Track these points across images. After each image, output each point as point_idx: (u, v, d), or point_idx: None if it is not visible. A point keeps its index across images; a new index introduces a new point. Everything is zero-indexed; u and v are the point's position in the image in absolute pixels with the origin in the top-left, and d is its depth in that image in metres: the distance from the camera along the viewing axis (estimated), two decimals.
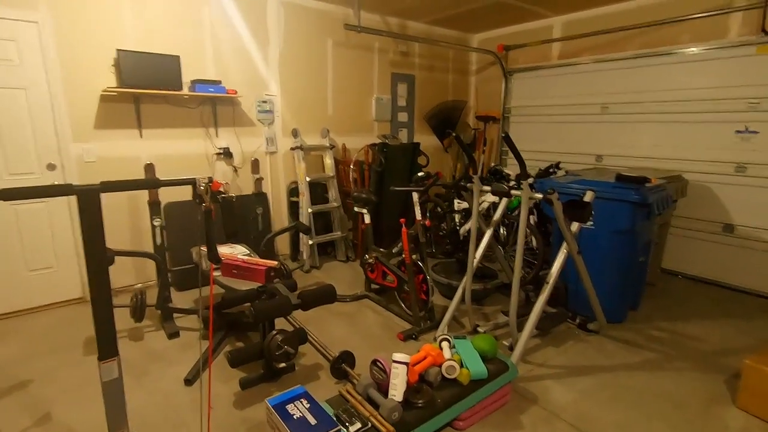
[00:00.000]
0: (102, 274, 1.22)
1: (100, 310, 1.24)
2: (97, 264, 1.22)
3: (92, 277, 1.21)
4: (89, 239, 1.19)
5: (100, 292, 1.23)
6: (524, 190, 2.35)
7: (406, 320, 3.11)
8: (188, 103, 3.69)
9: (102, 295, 1.23)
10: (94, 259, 1.21)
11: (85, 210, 1.17)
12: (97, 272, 1.22)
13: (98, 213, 1.19)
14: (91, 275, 1.20)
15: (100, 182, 1.18)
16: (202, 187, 1.28)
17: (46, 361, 2.60)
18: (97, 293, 1.23)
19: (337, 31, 4.48)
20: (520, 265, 2.47)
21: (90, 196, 1.16)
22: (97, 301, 1.23)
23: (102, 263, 1.20)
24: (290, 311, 1.98)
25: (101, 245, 1.20)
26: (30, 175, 3.15)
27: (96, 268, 1.21)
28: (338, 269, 4.28)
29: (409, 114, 5.35)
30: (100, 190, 1.17)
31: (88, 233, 1.18)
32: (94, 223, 1.18)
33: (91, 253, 1.20)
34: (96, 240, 1.19)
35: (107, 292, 1.25)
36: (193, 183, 1.30)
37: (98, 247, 1.20)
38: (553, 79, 4.95)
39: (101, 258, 1.20)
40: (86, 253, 1.19)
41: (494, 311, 3.32)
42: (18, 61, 2.99)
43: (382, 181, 4.15)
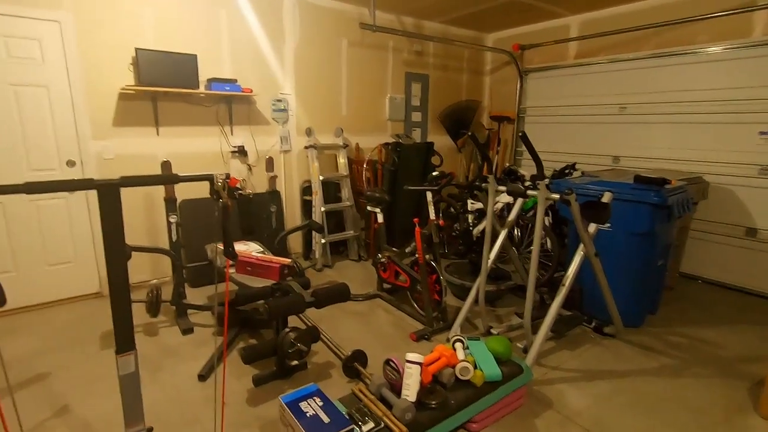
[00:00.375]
0: (121, 268, 1.23)
1: (118, 304, 1.25)
2: (117, 258, 1.23)
3: (111, 270, 1.22)
4: (109, 233, 1.20)
5: (119, 287, 1.24)
6: (541, 191, 2.31)
7: (419, 320, 3.10)
8: (204, 101, 3.73)
9: (121, 290, 1.24)
10: (114, 252, 1.22)
11: (105, 204, 1.18)
12: (116, 266, 1.23)
13: (118, 207, 1.20)
14: (110, 269, 1.21)
15: (120, 177, 1.19)
16: (219, 183, 1.29)
17: (63, 354, 2.64)
18: (115, 287, 1.24)
19: (352, 31, 4.48)
20: (536, 267, 2.43)
21: (110, 191, 1.17)
22: (116, 295, 1.24)
23: (121, 257, 1.21)
24: (304, 309, 1.98)
25: (120, 239, 1.21)
26: (51, 172, 3.21)
27: (115, 262, 1.22)
28: (350, 268, 4.28)
29: (422, 114, 5.33)
30: (120, 184, 1.18)
31: (108, 227, 1.19)
32: (114, 217, 1.19)
33: (111, 247, 1.21)
34: (115, 234, 1.20)
35: (126, 287, 1.26)
36: (210, 179, 1.30)
37: (118, 241, 1.21)
38: (569, 78, 4.88)
39: (120, 252, 1.21)
40: (106, 246, 1.20)
41: (507, 313, 3.29)
42: (41, 60, 3.05)
43: (396, 180, 4.14)
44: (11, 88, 2.98)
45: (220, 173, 1.29)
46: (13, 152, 3.05)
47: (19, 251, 3.16)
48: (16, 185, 1.03)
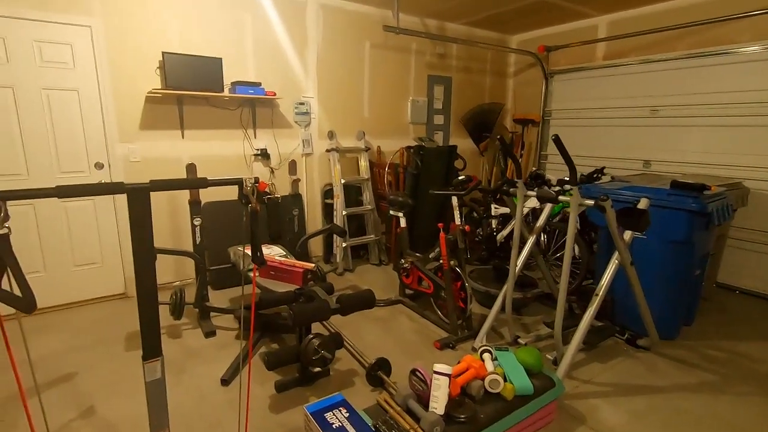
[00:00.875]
0: (149, 273, 1.21)
1: (145, 310, 1.23)
2: (145, 262, 1.21)
3: (139, 276, 1.20)
4: (138, 238, 1.18)
5: (147, 292, 1.22)
6: (574, 197, 2.22)
7: (442, 328, 3.03)
8: (228, 104, 3.75)
9: (149, 295, 1.21)
10: (142, 257, 1.20)
11: (134, 208, 1.16)
12: (145, 271, 1.21)
13: (148, 212, 1.18)
14: (138, 274, 1.19)
15: (150, 181, 1.17)
16: (248, 187, 1.26)
17: (89, 354, 2.67)
18: (143, 293, 1.22)
19: (375, 33, 4.46)
20: (567, 275, 2.34)
21: (140, 195, 1.15)
22: (144, 301, 1.22)
23: (150, 262, 1.19)
24: (329, 316, 1.94)
25: (149, 244, 1.19)
26: (80, 174, 3.26)
27: (143, 267, 1.20)
28: (371, 273, 4.24)
29: (444, 117, 5.26)
30: (150, 188, 1.16)
31: (137, 232, 1.17)
32: (144, 222, 1.17)
33: (139, 252, 1.19)
34: (145, 239, 1.18)
35: (154, 293, 1.24)
36: (239, 183, 1.27)
37: (146, 245, 1.19)
38: (597, 80, 4.74)
39: (149, 257, 1.19)
40: (135, 251, 1.19)
41: (534, 322, 3.18)
42: (72, 64, 3.11)
43: (418, 184, 4.08)
44: (44, 92, 3.05)
45: (248, 177, 1.26)
46: (45, 155, 3.12)
47: (48, 252, 3.22)
48: (47, 189, 1.02)
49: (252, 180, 1.28)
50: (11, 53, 2.91)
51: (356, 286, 3.85)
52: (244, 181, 1.27)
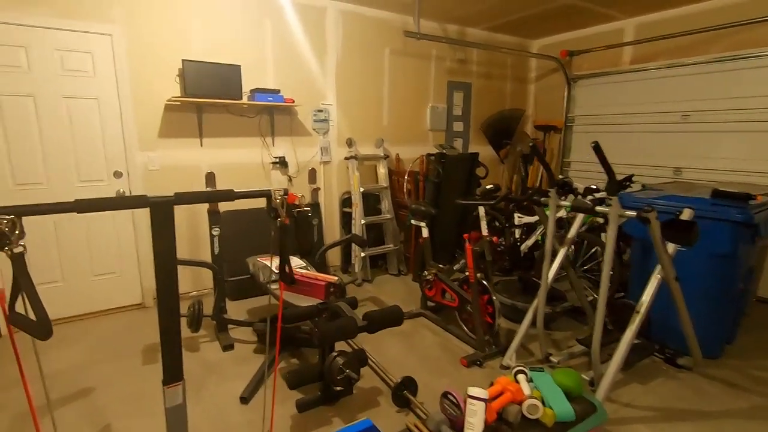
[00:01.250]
0: (172, 293, 1.12)
1: (168, 334, 1.15)
2: (167, 281, 1.12)
3: (162, 296, 1.11)
4: (161, 254, 1.09)
5: (170, 314, 1.13)
6: (613, 207, 2.09)
7: (468, 343, 2.89)
8: (247, 112, 3.70)
9: (171, 317, 1.13)
10: (165, 276, 1.11)
11: (158, 223, 1.07)
12: (168, 291, 1.12)
13: (171, 227, 1.10)
14: (161, 294, 1.11)
15: (174, 194, 1.09)
16: (278, 199, 1.17)
17: (106, 368, 2.61)
18: (166, 314, 1.13)
19: (395, 40, 4.38)
20: (606, 290, 2.20)
21: (163, 209, 1.07)
22: (166, 324, 1.14)
23: (172, 282, 1.10)
24: (356, 334, 1.84)
25: (173, 262, 1.10)
26: (99, 183, 3.23)
27: (167, 286, 1.12)
28: (390, 283, 4.13)
29: (464, 123, 5.15)
30: (174, 202, 1.08)
31: (161, 247, 1.09)
32: (167, 237, 1.09)
33: (163, 269, 1.10)
34: (168, 256, 1.09)
35: (176, 315, 1.16)
36: (268, 195, 1.18)
37: (169, 262, 1.11)
38: (623, 85, 4.59)
39: (172, 275, 1.10)
40: (156, 268, 1.10)
41: (564, 338, 3.03)
42: (92, 73, 3.09)
43: (439, 193, 3.97)
44: (64, 101, 3.03)
45: (277, 189, 1.17)
46: (64, 163, 3.09)
47: (66, 261, 3.19)
48: (66, 203, 0.94)
49: (281, 192, 1.19)
50: (33, 62, 2.90)
51: (376, 298, 3.75)
52: (273, 194, 1.18)
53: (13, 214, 0.85)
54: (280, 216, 1.16)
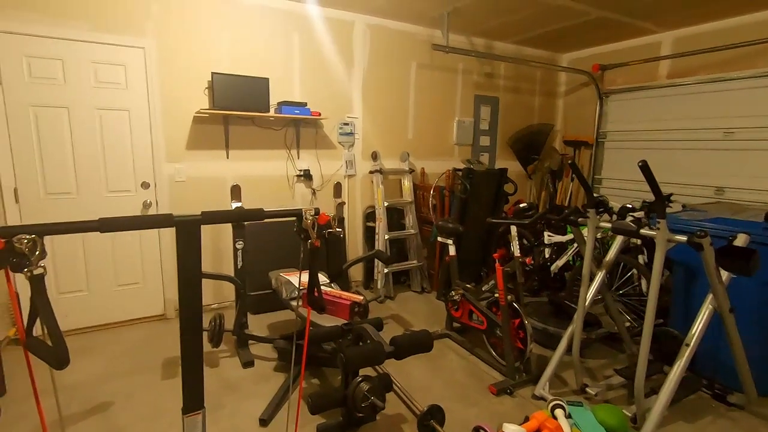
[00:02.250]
0: (196, 316, 1.05)
1: (190, 361, 1.07)
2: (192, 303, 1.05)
3: (185, 320, 1.04)
4: (186, 274, 1.03)
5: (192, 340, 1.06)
6: (661, 231, 1.94)
7: (497, 369, 2.75)
8: (273, 124, 3.69)
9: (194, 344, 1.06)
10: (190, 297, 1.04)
11: (183, 243, 1.01)
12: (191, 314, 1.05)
13: (197, 246, 1.03)
14: (183, 319, 1.04)
15: (201, 213, 1.02)
16: (308, 220, 1.09)
17: (126, 381, 2.57)
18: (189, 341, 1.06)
19: (422, 53, 4.34)
20: (652, 320, 2.04)
21: (190, 229, 1.00)
22: (188, 350, 1.07)
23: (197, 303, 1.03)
24: (383, 361, 1.74)
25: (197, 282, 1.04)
26: (127, 193, 3.25)
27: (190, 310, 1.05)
28: (413, 301, 4.01)
29: (491, 138, 5.04)
30: (201, 221, 1.02)
31: (186, 268, 1.03)
32: (193, 258, 1.03)
33: (187, 290, 1.04)
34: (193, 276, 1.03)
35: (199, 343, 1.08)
36: (299, 215, 1.11)
37: (195, 283, 1.04)
38: (659, 100, 4.41)
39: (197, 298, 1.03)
40: (181, 289, 1.03)
41: (599, 366, 2.85)
42: (125, 85, 3.14)
43: (466, 209, 3.86)
44: (97, 112, 3.08)
45: (308, 208, 1.10)
46: (94, 174, 3.12)
47: (92, 271, 3.20)
48: (91, 222, 0.89)
49: (312, 212, 1.11)
50: (68, 74, 2.96)
51: (398, 316, 3.63)
52: (304, 213, 1.10)
53: (34, 233, 0.80)
54: (311, 237, 1.09)
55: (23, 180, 2.93)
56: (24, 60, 2.84)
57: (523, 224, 2.55)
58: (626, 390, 2.51)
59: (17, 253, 0.79)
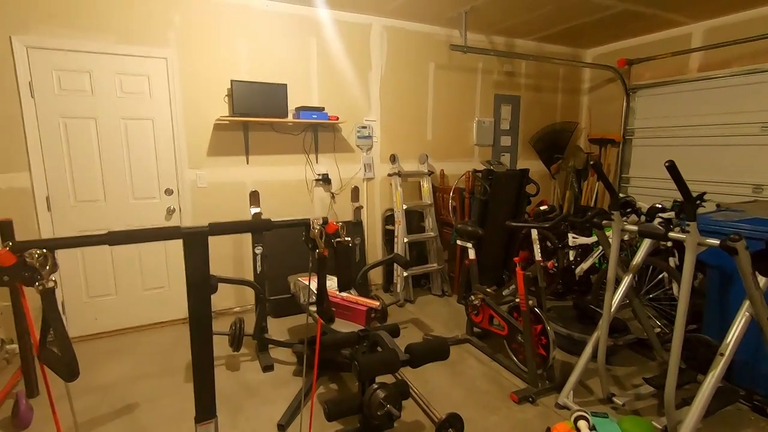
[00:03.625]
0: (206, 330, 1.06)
1: (200, 371, 1.08)
2: (201, 316, 1.05)
3: (195, 332, 1.05)
4: (194, 286, 1.03)
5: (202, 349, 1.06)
6: (691, 234, 1.85)
7: (518, 376, 2.68)
8: (292, 129, 3.73)
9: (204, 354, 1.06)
10: (199, 310, 1.05)
11: (191, 255, 1.02)
12: (201, 327, 1.06)
13: (205, 258, 1.04)
14: (193, 331, 1.04)
15: (208, 224, 1.03)
16: (316, 229, 1.08)
17: (151, 383, 2.63)
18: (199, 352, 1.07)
19: (440, 53, 4.29)
20: (683, 328, 1.94)
21: (197, 240, 1.01)
22: (199, 360, 1.07)
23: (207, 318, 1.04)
24: (397, 369, 1.72)
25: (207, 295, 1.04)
26: (151, 199, 3.35)
27: (200, 322, 1.05)
28: (433, 304, 3.96)
29: (512, 138, 4.94)
30: (208, 233, 1.02)
31: (194, 280, 1.03)
32: (201, 269, 1.03)
33: (196, 303, 1.04)
34: (202, 288, 1.03)
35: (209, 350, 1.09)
36: (306, 225, 1.10)
37: (204, 296, 1.04)
38: (690, 95, 4.22)
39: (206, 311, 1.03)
40: (190, 302, 1.04)
41: (627, 374, 2.74)
42: (148, 95, 3.23)
43: (486, 211, 3.78)
44: (122, 122, 3.18)
45: (316, 218, 1.09)
46: (121, 181, 3.23)
47: (120, 275, 3.31)
48: (100, 236, 0.90)
49: (320, 221, 1.10)
50: (95, 86, 3.06)
51: (418, 320, 3.60)
52: (312, 223, 1.09)
53: (45, 248, 0.82)
54: (319, 247, 1.08)
55: (55, 188, 3.05)
56: (54, 73, 2.95)
57: (543, 227, 2.48)
58: (656, 400, 2.40)
59: (29, 267, 0.81)
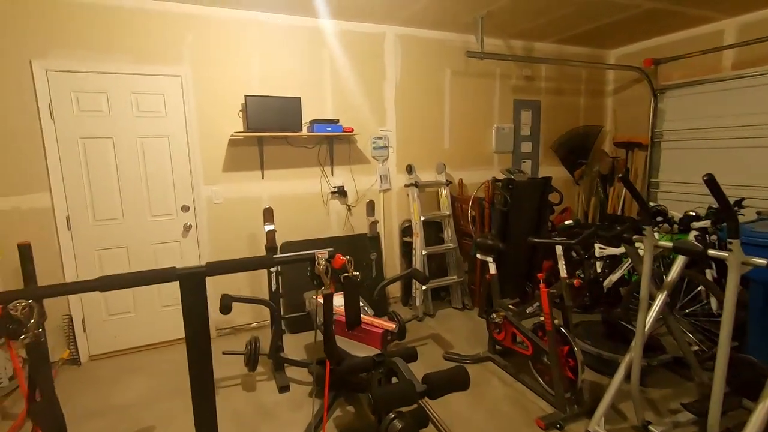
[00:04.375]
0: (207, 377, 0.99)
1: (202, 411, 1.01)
2: (201, 362, 0.99)
3: (195, 382, 0.98)
4: (193, 332, 0.97)
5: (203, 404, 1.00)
6: (735, 253, 1.69)
7: (544, 398, 2.54)
8: (307, 143, 3.69)
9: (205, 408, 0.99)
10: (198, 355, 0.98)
11: (188, 297, 0.95)
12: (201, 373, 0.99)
13: (203, 300, 0.97)
14: (193, 378, 0.98)
15: (206, 264, 0.96)
16: (321, 265, 1.00)
17: (168, 404, 2.61)
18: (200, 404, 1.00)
19: (456, 60, 4.20)
20: (728, 350, 1.78)
21: (194, 281, 0.95)
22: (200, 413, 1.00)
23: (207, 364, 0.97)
24: (415, 401, 1.63)
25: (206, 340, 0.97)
26: (168, 216, 3.35)
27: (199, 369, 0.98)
28: (454, 319, 3.84)
29: (533, 144, 4.79)
30: (206, 273, 0.96)
31: (192, 325, 0.96)
32: (200, 313, 0.96)
33: (195, 349, 0.97)
34: (201, 335, 0.96)
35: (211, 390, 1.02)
36: (311, 259, 1.03)
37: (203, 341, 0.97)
38: (723, 94, 3.99)
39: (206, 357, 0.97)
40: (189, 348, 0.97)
41: (663, 397, 2.56)
42: (164, 113, 3.24)
43: (507, 222, 3.65)
44: (139, 141, 3.20)
45: (321, 252, 1.01)
46: (138, 199, 3.24)
47: (138, 293, 3.32)
48: (90, 282, 0.85)
49: (325, 255, 1.02)
50: (112, 106, 3.09)
51: (438, 336, 3.49)
52: (317, 258, 1.02)
53: (31, 298, 0.77)
54: (324, 284, 1.00)
55: (74, 208, 3.09)
56: (72, 95, 3.00)
57: (568, 244, 2.34)
58: (697, 428, 2.23)
59: (13, 319, 0.76)
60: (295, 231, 3.71)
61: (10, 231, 2.93)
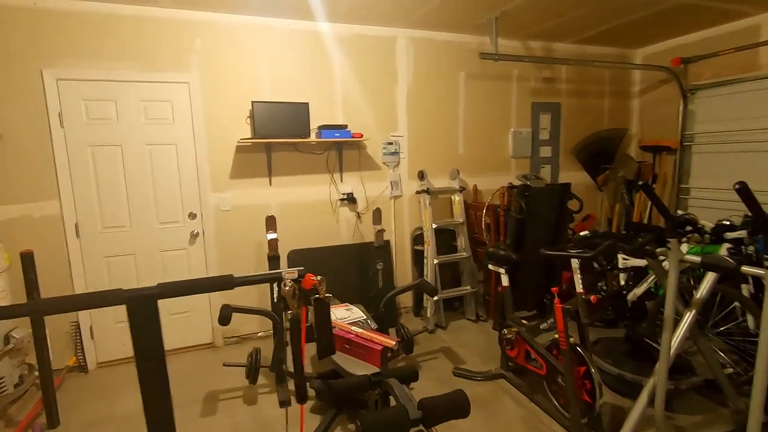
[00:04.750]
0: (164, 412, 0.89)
1: None
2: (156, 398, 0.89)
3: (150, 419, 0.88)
4: (143, 359, 0.88)
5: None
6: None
7: (559, 422, 2.35)
8: (315, 149, 3.62)
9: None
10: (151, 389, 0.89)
11: (137, 322, 0.86)
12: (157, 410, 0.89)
13: (156, 324, 0.88)
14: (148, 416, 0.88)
15: (157, 284, 0.87)
16: (287, 287, 0.90)
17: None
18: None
19: (471, 63, 4.06)
20: (766, 375, 1.58)
21: (144, 305, 0.86)
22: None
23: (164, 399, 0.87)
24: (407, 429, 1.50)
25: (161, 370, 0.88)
26: (175, 224, 3.34)
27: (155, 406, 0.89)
28: (467, 331, 3.68)
29: (552, 148, 4.58)
30: (158, 296, 0.87)
31: (142, 352, 0.87)
32: (151, 338, 0.87)
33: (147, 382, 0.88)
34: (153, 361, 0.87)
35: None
36: (278, 279, 0.93)
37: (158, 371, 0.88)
38: (761, 94, 3.70)
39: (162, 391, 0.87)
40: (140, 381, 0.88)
41: (693, 425, 2.33)
42: (171, 120, 3.23)
43: (523, 230, 3.47)
44: (147, 148, 3.20)
45: (289, 271, 0.91)
46: (146, 207, 3.24)
47: None
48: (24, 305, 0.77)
49: (293, 275, 0.92)
50: (121, 113, 3.10)
51: (449, 350, 3.33)
52: (284, 279, 0.91)
53: None
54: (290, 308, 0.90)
55: (83, 215, 3.10)
56: (82, 103, 3.02)
57: (586, 257, 2.17)
58: None
59: None
60: (303, 239, 3.64)
61: (21, 238, 2.96)
